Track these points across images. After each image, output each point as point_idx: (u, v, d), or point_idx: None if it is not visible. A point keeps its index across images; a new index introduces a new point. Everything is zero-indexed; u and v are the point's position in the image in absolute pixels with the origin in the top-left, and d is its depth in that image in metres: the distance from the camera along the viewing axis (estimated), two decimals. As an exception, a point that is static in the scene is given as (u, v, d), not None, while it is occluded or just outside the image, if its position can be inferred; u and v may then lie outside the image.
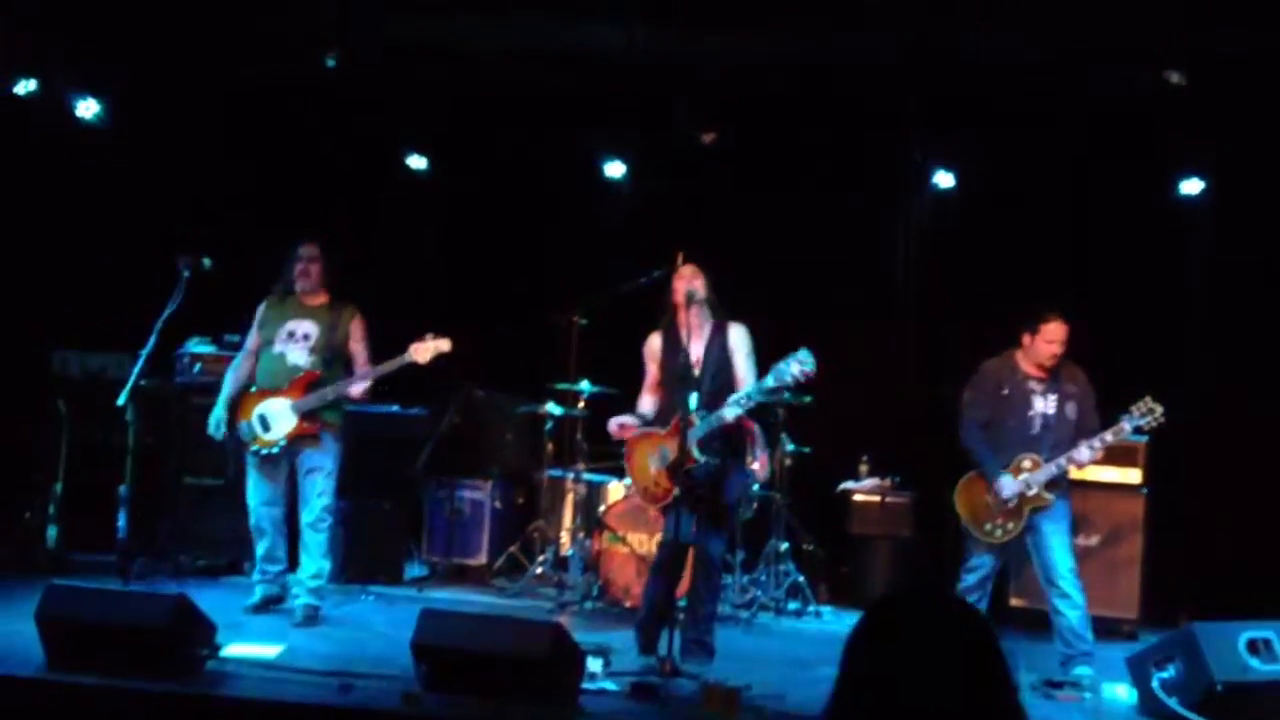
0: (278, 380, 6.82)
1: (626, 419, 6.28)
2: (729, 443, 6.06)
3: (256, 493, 6.88)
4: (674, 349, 6.12)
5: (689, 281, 6.16)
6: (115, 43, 8.47)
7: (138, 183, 9.06)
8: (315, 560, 6.84)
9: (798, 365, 5.66)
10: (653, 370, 6.32)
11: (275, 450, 6.77)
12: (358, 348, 6.93)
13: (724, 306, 6.25)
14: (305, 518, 6.84)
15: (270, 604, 6.91)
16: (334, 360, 6.89)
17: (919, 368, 8.89)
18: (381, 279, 9.06)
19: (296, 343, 6.86)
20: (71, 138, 9.01)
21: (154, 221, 8.83)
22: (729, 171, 9.01)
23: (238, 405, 6.86)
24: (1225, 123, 8.03)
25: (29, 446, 8.29)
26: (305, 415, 6.74)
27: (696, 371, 5.99)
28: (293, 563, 6.98)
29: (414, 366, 6.75)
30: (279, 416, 6.77)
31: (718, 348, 6.11)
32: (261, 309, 7.02)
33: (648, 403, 6.34)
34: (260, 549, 6.91)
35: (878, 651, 2.14)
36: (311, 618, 6.76)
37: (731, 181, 9.01)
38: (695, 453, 5.84)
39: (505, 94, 8.87)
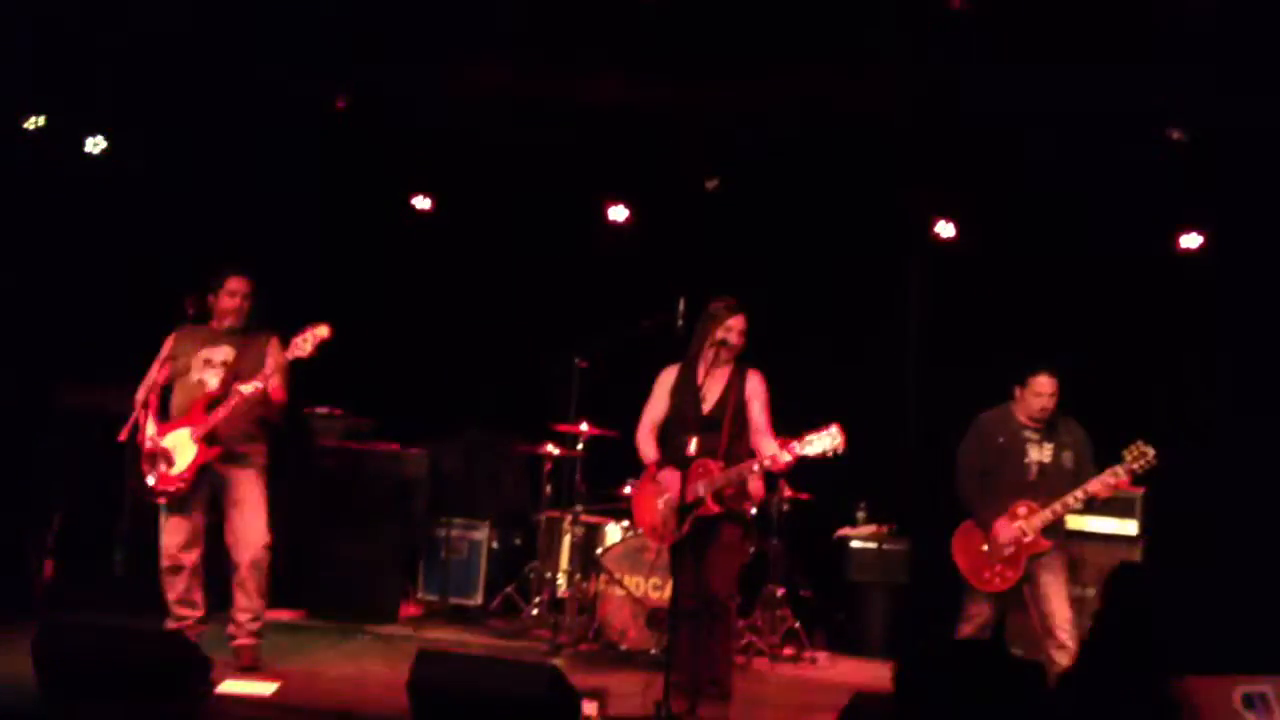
0: (189, 408, 6.42)
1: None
2: (740, 489, 6.15)
3: (175, 534, 6.43)
4: (686, 389, 6.15)
5: (735, 334, 6.13)
6: (124, 82, 8.54)
7: (142, 218, 9.11)
8: (253, 600, 6.46)
9: (830, 440, 5.80)
10: (660, 406, 6.26)
11: (182, 485, 6.32)
12: (271, 369, 6.38)
13: (746, 354, 6.23)
14: (243, 555, 6.42)
15: None
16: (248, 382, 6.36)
17: (918, 415, 8.91)
18: (384, 320, 9.11)
19: (214, 368, 6.48)
20: (78, 171, 9.08)
21: (157, 257, 8.86)
22: (731, 218, 9.05)
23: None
24: (1225, 179, 8.10)
25: (27, 480, 8.28)
26: (204, 439, 6.30)
27: (706, 410, 6.05)
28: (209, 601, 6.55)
29: (300, 361, 6.30)
30: (181, 448, 6.35)
31: (737, 393, 6.12)
32: (172, 340, 6.58)
33: (649, 441, 6.27)
34: (175, 592, 6.45)
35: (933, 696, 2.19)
36: (255, 661, 6.40)
37: (733, 228, 9.05)
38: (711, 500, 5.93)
39: (509, 138, 8.93)
